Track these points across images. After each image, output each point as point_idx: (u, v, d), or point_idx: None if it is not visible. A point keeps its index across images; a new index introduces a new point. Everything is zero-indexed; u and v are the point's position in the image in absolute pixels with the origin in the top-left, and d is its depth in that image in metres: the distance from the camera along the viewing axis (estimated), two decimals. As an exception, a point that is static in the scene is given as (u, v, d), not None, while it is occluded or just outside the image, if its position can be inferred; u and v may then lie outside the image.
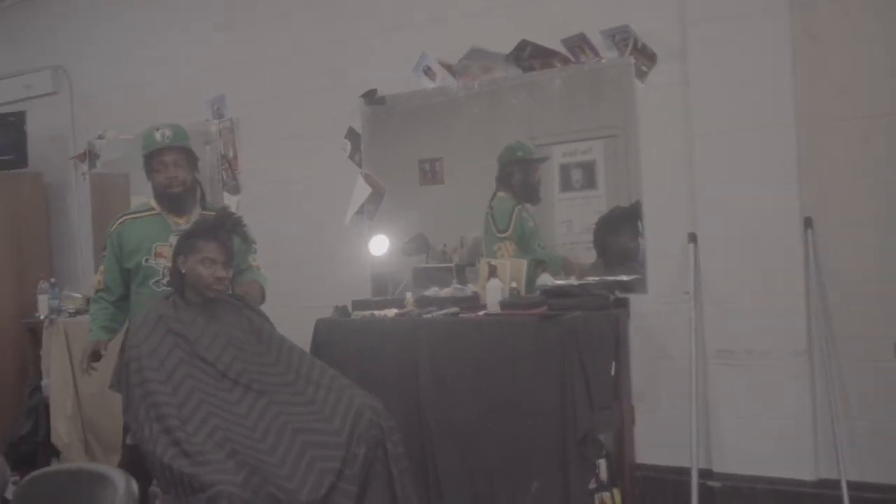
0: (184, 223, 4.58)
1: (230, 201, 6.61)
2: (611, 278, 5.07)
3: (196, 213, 4.63)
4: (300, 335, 4.64)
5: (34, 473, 2.76)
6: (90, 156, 7.60)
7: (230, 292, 4.35)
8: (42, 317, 7.07)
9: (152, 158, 4.62)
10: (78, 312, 6.88)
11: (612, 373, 4.75)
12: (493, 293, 4.91)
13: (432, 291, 5.36)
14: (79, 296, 7.13)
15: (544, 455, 4.48)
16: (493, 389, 4.62)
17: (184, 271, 4.20)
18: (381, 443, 3.90)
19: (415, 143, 5.92)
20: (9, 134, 7.64)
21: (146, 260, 4.60)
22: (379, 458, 3.88)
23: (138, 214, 4.70)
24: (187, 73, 6.97)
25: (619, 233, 5.21)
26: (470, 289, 5.27)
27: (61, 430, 6.62)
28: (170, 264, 4.35)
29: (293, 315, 5.08)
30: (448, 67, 5.63)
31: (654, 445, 5.00)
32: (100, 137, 7.49)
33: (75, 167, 7.72)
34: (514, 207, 5.44)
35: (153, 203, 4.68)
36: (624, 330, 4.94)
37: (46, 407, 6.81)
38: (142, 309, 4.30)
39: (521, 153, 5.46)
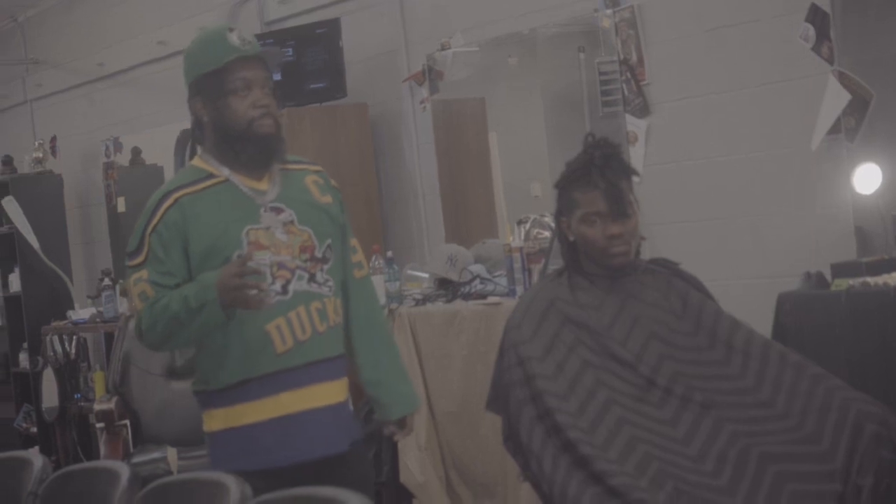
0: (268, 189, 4.07)
1: (636, 127, 6.67)
2: None
3: (277, 173, 4.09)
4: (753, 318, 4.52)
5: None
6: (431, 75, 7.79)
7: (639, 254, 4.33)
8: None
9: (226, 75, 4.01)
10: (426, 299, 6.92)
11: None
12: None
13: (953, 247, 5.25)
14: (425, 275, 7.25)
15: None
16: None
17: (571, 238, 4.23)
18: (899, 470, 3.81)
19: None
20: (320, 53, 7.92)
21: (239, 256, 3.97)
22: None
23: (193, 188, 4.08)
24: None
25: None
26: None
27: (413, 465, 6.74)
28: (277, 256, 3.99)
29: (736, 288, 5.23)
30: None
31: None
32: (442, 48, 7.64)
33: (411, 92, 7.96)
34: None
35: (205, 164, 4.12)
36: None
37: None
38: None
39: None
